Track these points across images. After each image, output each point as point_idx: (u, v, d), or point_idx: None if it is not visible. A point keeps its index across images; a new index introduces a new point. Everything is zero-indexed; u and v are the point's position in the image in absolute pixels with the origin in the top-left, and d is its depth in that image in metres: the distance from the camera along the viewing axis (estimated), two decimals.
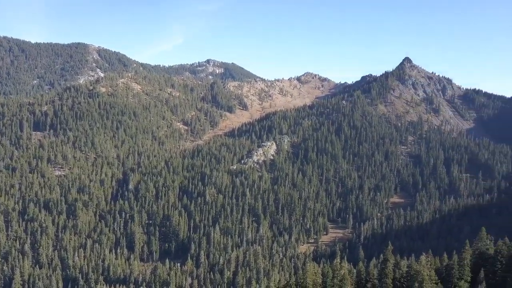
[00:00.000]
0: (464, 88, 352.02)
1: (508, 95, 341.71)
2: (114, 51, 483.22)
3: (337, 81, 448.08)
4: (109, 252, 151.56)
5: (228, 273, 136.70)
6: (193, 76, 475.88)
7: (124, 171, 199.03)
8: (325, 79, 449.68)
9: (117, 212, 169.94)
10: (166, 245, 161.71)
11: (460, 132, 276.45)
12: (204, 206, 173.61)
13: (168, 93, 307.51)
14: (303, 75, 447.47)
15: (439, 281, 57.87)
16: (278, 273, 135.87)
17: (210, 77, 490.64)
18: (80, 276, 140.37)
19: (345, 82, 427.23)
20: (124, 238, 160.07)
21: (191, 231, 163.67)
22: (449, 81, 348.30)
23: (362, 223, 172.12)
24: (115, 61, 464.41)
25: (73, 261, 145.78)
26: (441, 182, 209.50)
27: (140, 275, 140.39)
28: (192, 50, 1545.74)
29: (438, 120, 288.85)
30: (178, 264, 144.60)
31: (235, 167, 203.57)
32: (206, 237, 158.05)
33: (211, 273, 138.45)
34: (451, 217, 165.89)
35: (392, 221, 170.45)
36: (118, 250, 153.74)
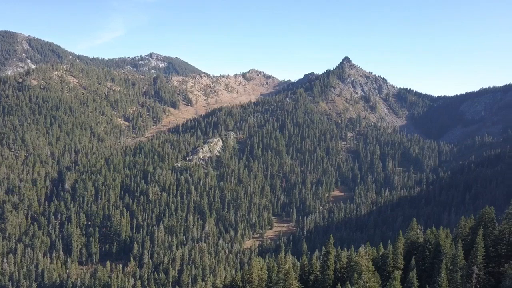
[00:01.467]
0: (398, 88, 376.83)
1: (435, 95, 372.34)
2: (47, 41, 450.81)
3: (281, 79, 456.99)
4: (43, 257, 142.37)
5: (173, 272, 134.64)
6: (134, 70, 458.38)
7: (60, 169, 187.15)
8: (269, 77, 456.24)
9: (51, 213, 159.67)
10: (107, 246, 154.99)
11: (394, 128, 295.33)
12: (148, 205, 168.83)
13: (108, 87, 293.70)
14: (248, 72, 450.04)
15: (375, 270, 61.40)
16: (224, 269, 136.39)
17: (153, 71, 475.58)
18: (10, 283, 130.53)
19: (289, 80, 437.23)
20: (60, 241, 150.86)
21: (134, 231, 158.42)
22: (384, 80, 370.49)
23: (305, 217, 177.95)
24: (48, 52, 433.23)
25: (2, 268, 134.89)
26: (377, 176, 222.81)
27: (79, 279, 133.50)
28: (133, 43, 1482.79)
29: (374, 117, 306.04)
30: (120, 266, 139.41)
31: (179, 164, 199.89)
32: (150, 236, 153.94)
33: (155, 273, 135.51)
34: (386, 208, 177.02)
35: (333, 214, 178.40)
36: (54, 254, 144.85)
